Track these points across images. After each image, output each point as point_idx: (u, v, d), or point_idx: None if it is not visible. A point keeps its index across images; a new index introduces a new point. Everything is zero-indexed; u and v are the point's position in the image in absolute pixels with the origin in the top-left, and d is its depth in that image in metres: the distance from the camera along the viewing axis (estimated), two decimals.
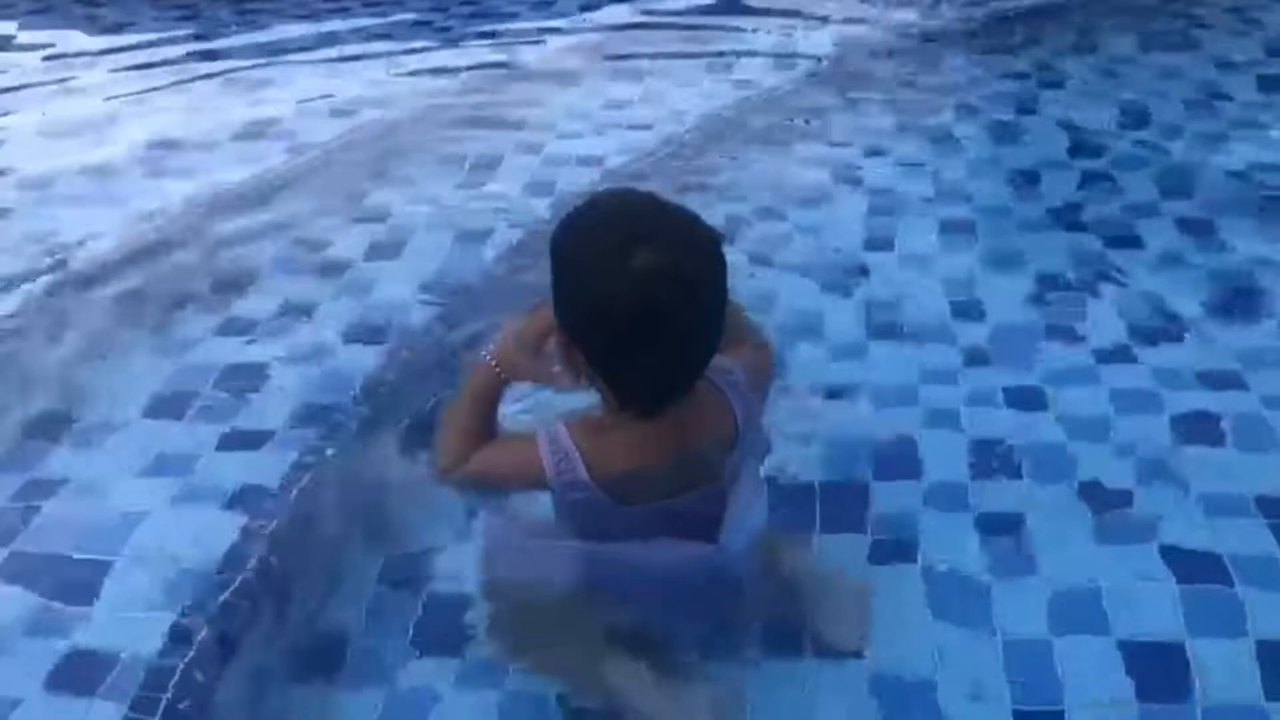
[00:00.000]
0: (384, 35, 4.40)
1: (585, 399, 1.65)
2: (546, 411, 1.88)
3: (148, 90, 3.88)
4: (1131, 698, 1.64)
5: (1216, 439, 2.14)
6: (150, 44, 4.23)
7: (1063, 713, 1.63)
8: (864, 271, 2.72)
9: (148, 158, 3.37)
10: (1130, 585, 1.83)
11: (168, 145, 3.44)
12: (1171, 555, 1.87)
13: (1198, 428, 2.17)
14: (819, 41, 4.22)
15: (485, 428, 1.74)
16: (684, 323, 1.45)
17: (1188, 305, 2.55)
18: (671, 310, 1.42)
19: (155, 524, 2.01)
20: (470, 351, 1.92)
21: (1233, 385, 2.28)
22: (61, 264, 2.80)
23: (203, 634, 1.77)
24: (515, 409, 1.93)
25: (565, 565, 1.71)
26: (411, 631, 1.82)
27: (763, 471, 1.84)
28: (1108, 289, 2.62)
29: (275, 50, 4.23)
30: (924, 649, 1.74)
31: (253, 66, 4.07)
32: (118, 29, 4.50)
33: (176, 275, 2.76)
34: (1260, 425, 2.17)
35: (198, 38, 4.42)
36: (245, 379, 2.39)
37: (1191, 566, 1.85)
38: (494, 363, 1.71)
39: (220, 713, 1.69)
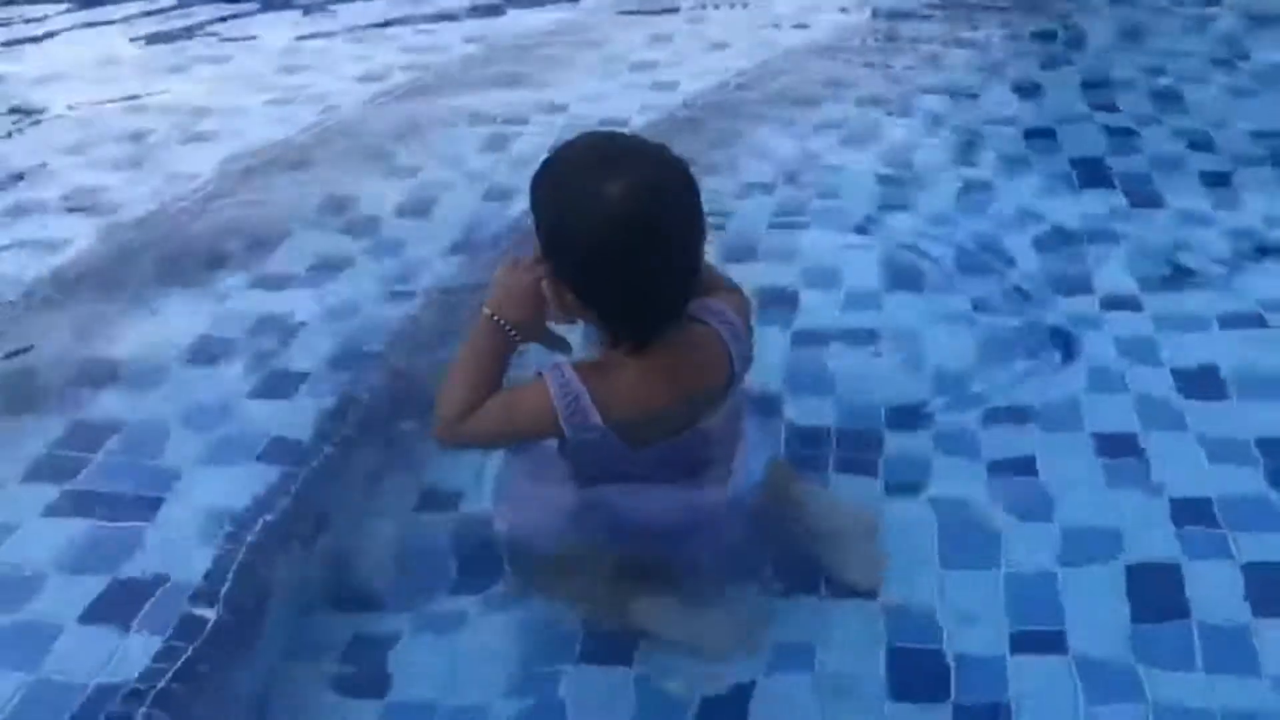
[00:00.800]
0: (406, 3, 4.45)
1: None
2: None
3: (179, 59, 3.95)
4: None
5: (1220, 387, 2.19)
6: (178, 14, 4.31)
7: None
8: (885, 224, 2.77)
9: (182, 123, 3.44)
10: (1135, 522, 1.89)
11: (200, 111, 3.52)
12: (1176, 501, 1.93)
13: (1205, 376, 2.22)
14: (848, 3, 4.24)
15: (493, 382, 1.66)
16: (666, 234, 1.51)
17: (1203, 256, 2.59)
18: (654, 220, 1.49)
19: (198, 465, 2.10)
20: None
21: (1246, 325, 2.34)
22: (104, 224, 2.89)
23: (241, 561, 1.87)
24: None
25: (578, 518, 1.77)
26: (441, 560, 1.91)
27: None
28: (1125, 241, 2.66)
29: (302, 17, 4.29)
30: (932, 583, 1.81)
31: (277, 37, 4.12)
32: None
33: (212, 234, 2.85)
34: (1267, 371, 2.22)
35: (226, 4, 4.50)
36: (280, 331, 2.47)
37: (1187, 505, 1.92)
38: (496, 317, 1.64)
39: (262, 631, 1.79)
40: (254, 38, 4.11)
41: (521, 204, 2.81)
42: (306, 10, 4.34)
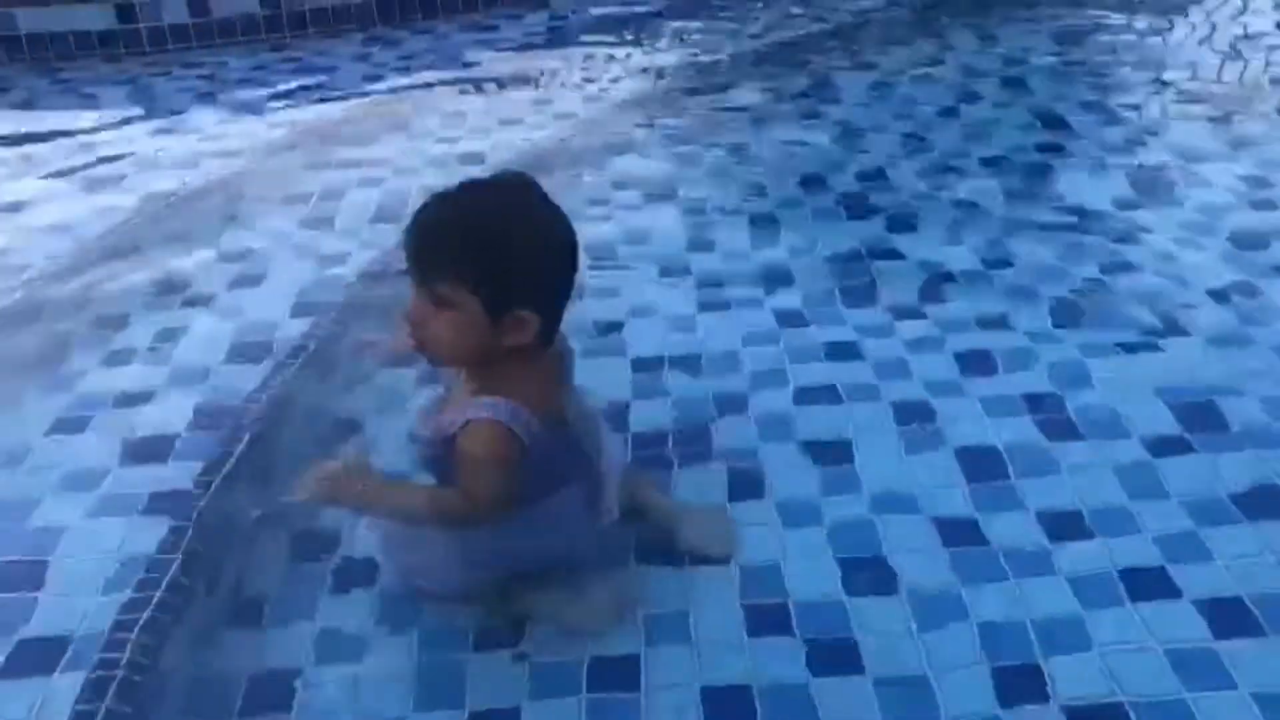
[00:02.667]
0: (208, 94, 4.58)
1: None
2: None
3: None
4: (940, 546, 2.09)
5: (990, 367, 2.60)
6: None
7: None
8: (689, 263, 3.10)
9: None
10: (931, 478, 2.25)
11: (15, 206, 3.56)
12: (962, 453, 2.31)
13: (975, 359, 2.62)
14: (624, 77, 4.64)
15: (417, 489, 1.93)
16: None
17: (961, 264, 3.03)
18: (572, 233, 1.80)
19: (82, 529, 2.18)
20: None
21: (1000, 325, 2.76)
22: None
23: (145, 611, 1.95)
24: None
25: (482, 562, 1.93)
26: (328, 583, 2.07)
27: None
28: (896, 258, 3.08)
29: (102, 115, 4.35)
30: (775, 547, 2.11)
31: (82, 130, 4.19)
32: None
33: (52, 320, 2.90)
34: (1025, 352, 2.64)
35: (18, 107, 4.52)
36: (139, 400, 2.56)
37: (978, 459, 2.29)
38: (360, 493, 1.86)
39: (171, 667, 1.89)
40: (53, 138, 4.15)
41: (352, 268, 3.09)
42: (102, 111, 4.41)
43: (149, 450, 2.41)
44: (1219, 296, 2.81)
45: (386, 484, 1.92)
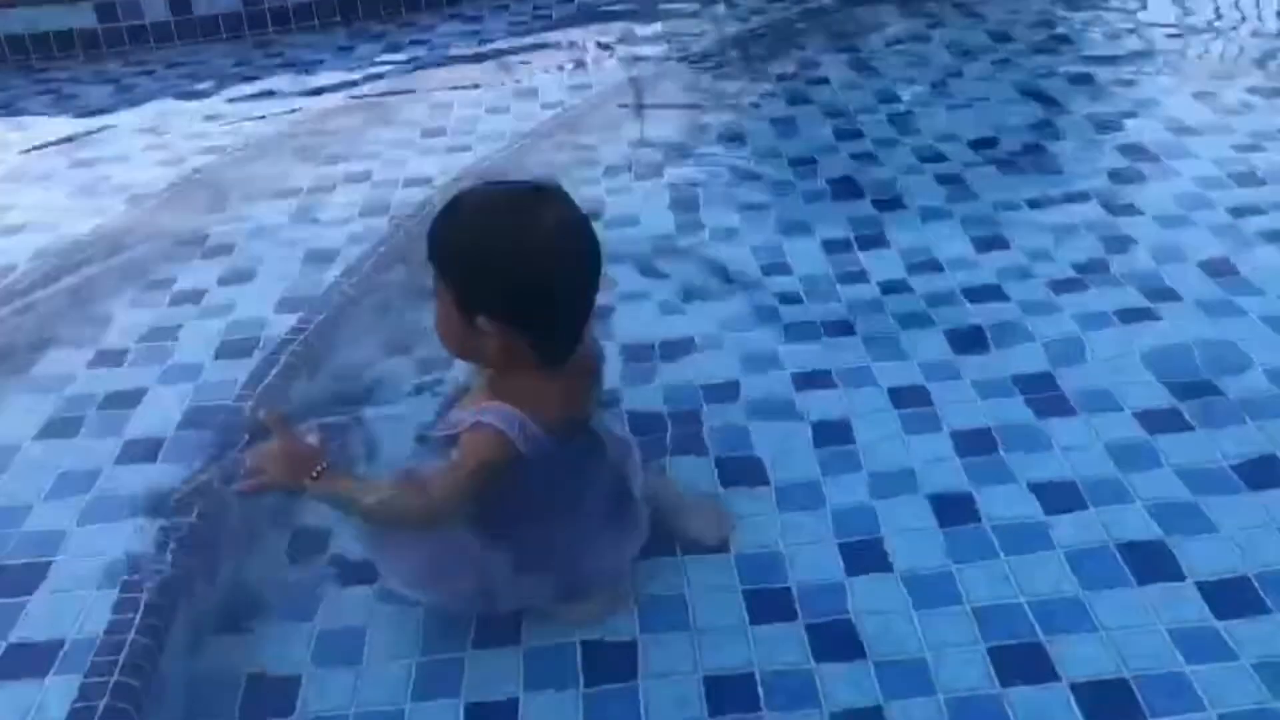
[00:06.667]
0: (192, 92, 4.55)
1: None
2: None
3: None
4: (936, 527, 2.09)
5: (983, 343, 2.60)
6: None
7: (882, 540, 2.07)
8: (680, 247, 3.09)
9: None
10: (930, 458, 2.25)
11: (2, 208, 3.54)
12: (957, 435, 2.31)
13: (968, 336, 2.62)
14: (610, 65, 4.61)
15: (376, 485, 1.82)
16: (593, 265, 1.73)
17: (950, 244, 3.02)
18: (585, 253, 1.72)
19: (75, 531, 2.17)
20: None
21: (993, 298, 2.76)
22: None
23: (139, 613, 1.94)
24: None
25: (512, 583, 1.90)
26: (324, 577, 2.07)
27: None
28: (887, 240, 3.07)
29: (85, 114, 4.34)
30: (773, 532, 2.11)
31: (66, 130, 4.17)
32: None
33: (38, 321, 2.89)
34: (1016, 327, 2.65)
35: (0, 108, 4.50)
36: (129, 400, 2.55)
37: (970, 439, 2.29)
38: (314, 474, 1.74)
39: (168, 668, 1.88)
40: (37, 139, 4.13)
41: (342, 261, 3.07)
42: (84, 110, 4.40)
43: (140, 450, 2.40)
44: (1211, 268, 2.80)
45: (343, 474, 1.81)
